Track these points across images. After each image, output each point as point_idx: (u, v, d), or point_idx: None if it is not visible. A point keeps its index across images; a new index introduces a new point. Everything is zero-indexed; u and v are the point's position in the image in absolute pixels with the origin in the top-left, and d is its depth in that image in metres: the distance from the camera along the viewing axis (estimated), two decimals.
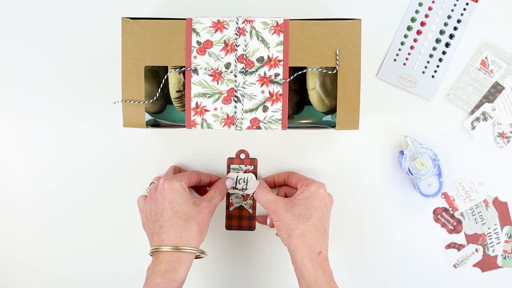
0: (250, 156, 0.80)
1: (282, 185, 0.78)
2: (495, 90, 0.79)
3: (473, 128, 0.80)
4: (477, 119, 0.80)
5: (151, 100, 0.70)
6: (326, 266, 0.68)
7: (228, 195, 0.80)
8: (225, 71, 0.68)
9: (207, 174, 0.78)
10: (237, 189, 0.79)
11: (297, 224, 0.68)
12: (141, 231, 0.75)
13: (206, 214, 0.70)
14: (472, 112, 0.80)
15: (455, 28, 0.78)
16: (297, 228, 0.67)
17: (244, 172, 0.79)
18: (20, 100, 0.80)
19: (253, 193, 0.76)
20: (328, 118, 0.78)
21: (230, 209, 0.81)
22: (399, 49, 0.79)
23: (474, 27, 0.78)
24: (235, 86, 0.68)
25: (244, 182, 0.79)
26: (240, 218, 0.81)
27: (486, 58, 0.79)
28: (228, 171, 0.80)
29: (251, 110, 0.69)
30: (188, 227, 0.67)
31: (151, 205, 0.71)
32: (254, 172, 0.79)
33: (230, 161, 0.80)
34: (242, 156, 0.80)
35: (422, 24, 0.78)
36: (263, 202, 0.73)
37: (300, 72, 0.69)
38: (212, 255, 0.81)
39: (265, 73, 0.68)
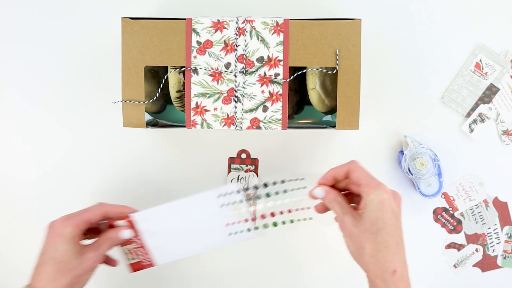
0: (251, 156, 0.80)
1: (344, 179, 0.66)
2: (490, 92, 0.80)
3: (471, 130, 0.80)
4: (474, 121, 0.80)
5: (151, 100, 0.70)
6: (402, 285, 0.59)
7: None
8: (225, 71, 0.68)
9: (116, 205, 0.68)
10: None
11: (366, 241, 0.60)
12: None
13: (87, 267, 0.65)
14: (468, 114, 0.80)
15: None
16: (366, 246, 0.60)
17: (245, 171, 0.80)
18: (20, 100, 0.80)
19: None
20: (328, 118, 0.78)
21: None
22: None
23: (468, 30, 0.78)
24: (235, 86, 0.68)
25: (245, 181, 0.79)
26: None
27: (480, 61, 0.79)
28: (229, 171, 0.80)
29: (251, 110, 0.69)
30: (60, 277, 0.63)
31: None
32: (255, 172, 0.80)
33: (231, 160, 0.80)
34: (243, 156, 0.80)
35: None
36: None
37: (300, 72, 0.69)
38: (212, 254, 0.81)
39: (265, 73, 0.68)
